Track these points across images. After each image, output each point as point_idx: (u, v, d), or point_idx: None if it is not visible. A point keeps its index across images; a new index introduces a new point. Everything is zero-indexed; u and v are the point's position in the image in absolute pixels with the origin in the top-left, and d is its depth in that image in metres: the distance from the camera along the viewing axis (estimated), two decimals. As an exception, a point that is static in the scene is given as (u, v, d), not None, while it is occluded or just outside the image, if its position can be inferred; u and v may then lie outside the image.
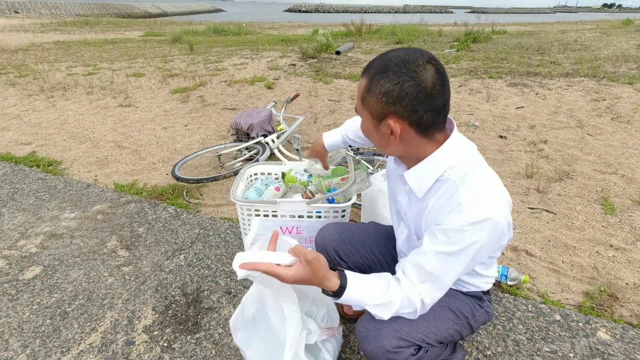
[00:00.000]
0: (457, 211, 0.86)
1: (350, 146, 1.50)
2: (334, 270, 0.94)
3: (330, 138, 1.47)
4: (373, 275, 0.96)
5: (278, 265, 0.90)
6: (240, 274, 0.89)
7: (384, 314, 0.93)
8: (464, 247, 0.86)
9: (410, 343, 0.99)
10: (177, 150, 3.40)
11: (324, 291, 0.94)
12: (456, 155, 0.91)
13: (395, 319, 0.96)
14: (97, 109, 4.61)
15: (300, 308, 1.05)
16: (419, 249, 0.93)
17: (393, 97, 0.83)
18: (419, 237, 1.02)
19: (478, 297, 1.14)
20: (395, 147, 0.92)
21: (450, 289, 1.07)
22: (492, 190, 0.89)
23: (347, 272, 0.94)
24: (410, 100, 0.83)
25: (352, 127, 1.45)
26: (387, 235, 1.35)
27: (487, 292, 1.17)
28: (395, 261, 1.31)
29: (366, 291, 0.92)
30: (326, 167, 1.55)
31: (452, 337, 1.09)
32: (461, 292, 1.13)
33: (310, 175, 1.78)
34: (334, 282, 0.91)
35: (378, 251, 1.31)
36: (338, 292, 0.91)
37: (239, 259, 0.90)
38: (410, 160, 0.97)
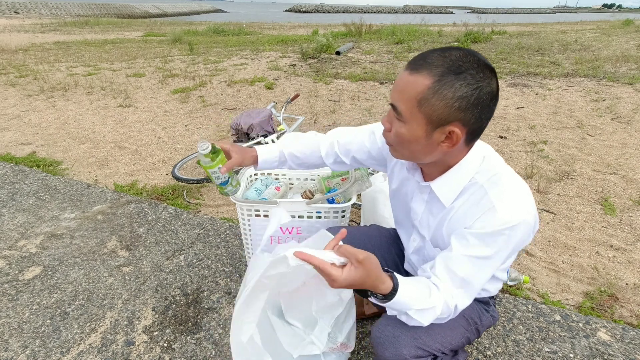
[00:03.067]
0: (491, 215, 0.82)
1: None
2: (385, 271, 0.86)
3: (265, 155, 1.19)
4: (412, 278, 0.90)
5: (333, 264, 0.80)
6: (293, 262, 0.83)
7: (425, 319, 0.86)
8: (499, 250, 0.84)
9: (428, 353, 0.97)
10: (177, 151, 3.40)
11: (371, 294, 0.84)
12: (480, 158, 0.89)
13: (413, 327, 0.92)
14: (97, 109, 4.61)
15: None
16: (448, 254, 0.88)
17: (469, 102, 0.76)
18: (436, 245, 0.99)
19: (485, 302, 1.12)
20: (437, 154, 0.85)
21: None
22: (521, 190, 0.86)
23: (395, 273, 0.86)
24: (483, 107, 0.77)
25: (294, 145, 1.22)
26: (389, 239, 1.31)
27: (493, 297, 1.15)
28: (398, 267, 1.28)
29: (413, 294, 0.85)
30: (224, 172, 1.12)
31: (463, 344, 1.07)
32: None
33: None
34: (387, 284, 0.82)
35: (380, 256, 1.27)
36: (390, 295, 0.82)
37: (290, 248, 0.84)
38: (434, 167, 0.92)
